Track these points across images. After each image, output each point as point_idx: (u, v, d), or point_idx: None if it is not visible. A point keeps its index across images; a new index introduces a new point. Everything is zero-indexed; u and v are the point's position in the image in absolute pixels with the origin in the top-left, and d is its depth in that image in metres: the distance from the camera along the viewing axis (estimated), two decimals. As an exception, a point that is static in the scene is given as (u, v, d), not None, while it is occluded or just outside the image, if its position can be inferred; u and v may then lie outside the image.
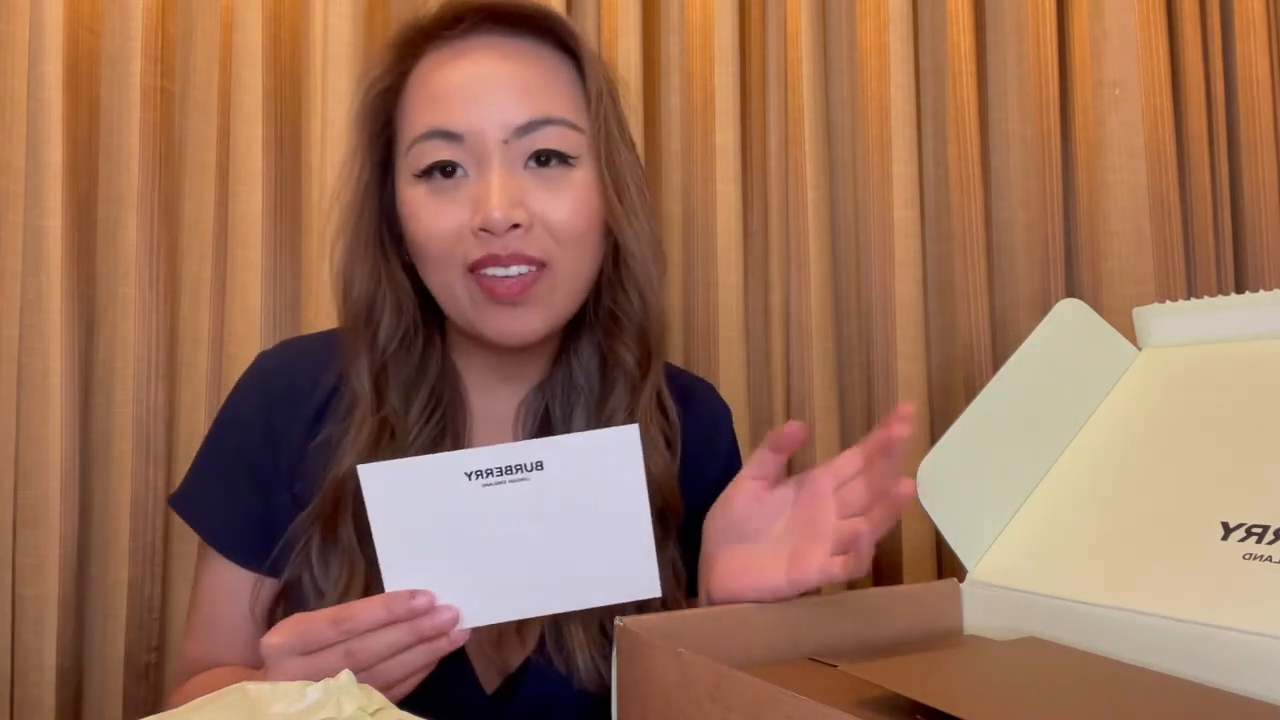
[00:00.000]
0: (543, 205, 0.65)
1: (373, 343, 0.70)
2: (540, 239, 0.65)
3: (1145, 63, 1.11)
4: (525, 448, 0.56)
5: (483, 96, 0.65)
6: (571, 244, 0.66)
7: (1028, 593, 0.60)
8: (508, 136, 0.65)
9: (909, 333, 1.11)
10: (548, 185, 0.66)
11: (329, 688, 0.44)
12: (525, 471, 0.56)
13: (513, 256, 0.64)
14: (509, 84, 0.66)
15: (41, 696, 0.93)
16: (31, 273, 0.96)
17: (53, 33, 0.96)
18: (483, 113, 0.65)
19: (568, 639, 0.68)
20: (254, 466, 0.71)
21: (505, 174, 0.64)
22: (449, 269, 0.66)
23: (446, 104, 0.65)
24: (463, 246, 0.65)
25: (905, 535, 1.10)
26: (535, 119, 0.65)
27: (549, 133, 0.65)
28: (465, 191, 0.65)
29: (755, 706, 0.42)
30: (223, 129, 1.04)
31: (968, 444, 0.66)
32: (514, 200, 0.64)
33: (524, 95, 0.65)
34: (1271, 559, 0.51)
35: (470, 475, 0.55)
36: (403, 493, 0.55)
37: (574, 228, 0.66)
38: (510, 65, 0.66)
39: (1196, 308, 0.71)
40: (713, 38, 1.11)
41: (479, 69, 0.66)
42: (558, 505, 0.56)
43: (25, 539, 0.95)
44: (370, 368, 0.70)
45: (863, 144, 1.14)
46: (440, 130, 0.65)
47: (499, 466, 0.55)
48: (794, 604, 0.59)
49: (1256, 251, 1.14)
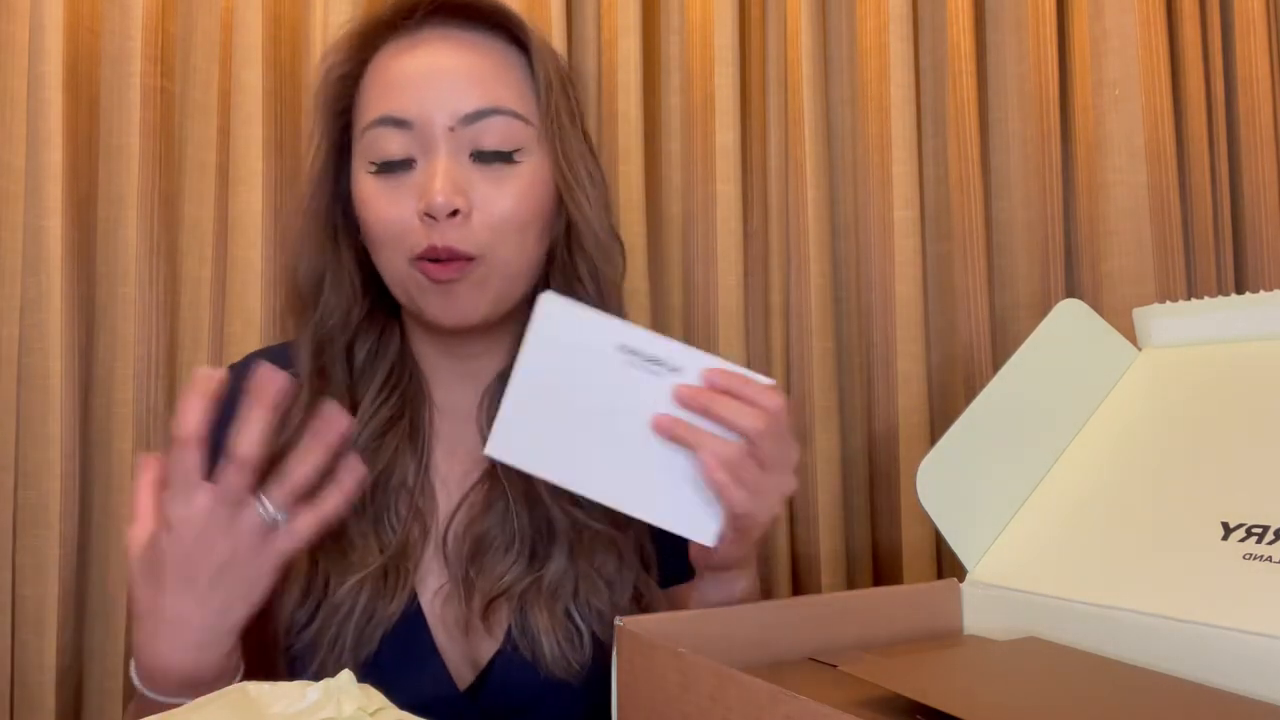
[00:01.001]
0: (485, 195, 0.67)
1: (316, 320, 0.72)
2: (477, 230, 0.67)
3: (1145, 63, 1.11)
4: (679, 349, 0.57)
5: (432, 85, 0.67)
6: (510, 233, 0.68)
7: (1028, 593, 0.60)
8: (454, 124, 0.67)
9: (909, 333, 1.11)
10: (491, 179, 0.68)
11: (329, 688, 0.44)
12: (665, 368, 0.57)
13: (447, 250, 0.66)
14: (458, 73, 0.68)
15: (41, 696, 0.93)
16: (31, 273, 0.96)
17: (53, 33, 0.96)
18: (432, 100, 0.67)
19: (532, 624, 0.68)
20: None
21: (450, 161, 0.66)
22: (396, 256, 0.68)
23: (398, 92, 0.68)
24: (410, 236, 0.67)
25: (905, 535, 1.10)
26: (482, 108, 0.67)
27: (494, 123, 0.67)
28: (414, 180, 0.67)
29: (755, 706, 0.42)
30: (223, 129, 1.04)
31: (968, 444, 0.66)
32: (456, 187, 0.66)
33: (471, 84, 0.68)
34: (1271, 559, 0.51)
35: (621, 348, 0.57)
36: (564, 333, 0.57)
37: (515, 219, 0.68)
38: (461, 55, 0.69)
39: (1196, 308, 0.71)
40: (713, 38, 1.11)
41: (430, 59, 0.68)
42: (668, 411, 0.57)
43: (25, 539, 0.95)
44: (311, 344, 0.72)
45: (863, 144, 1.14)
46: (390, 117, 0.67)
47: (648, 353, 0.57)
48: (794, 604, 0.59)
49: (1256, 251, 1.14)
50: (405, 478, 0.72)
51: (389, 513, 0.70)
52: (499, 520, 0.71)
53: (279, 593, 0.68)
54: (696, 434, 0.57)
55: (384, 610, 0.67)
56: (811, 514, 1.11)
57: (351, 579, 0.67)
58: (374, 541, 0.69)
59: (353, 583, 0.67)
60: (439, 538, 0.72)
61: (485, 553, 0.70)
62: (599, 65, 1.13)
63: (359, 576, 0.67)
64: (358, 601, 0.67)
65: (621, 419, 0.58)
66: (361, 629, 0.67)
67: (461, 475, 0.74)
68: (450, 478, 0.74)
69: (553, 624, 0.68)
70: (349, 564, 0.68)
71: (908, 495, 1.10)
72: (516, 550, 0.70)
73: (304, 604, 0.68)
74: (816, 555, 1.10)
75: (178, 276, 1.03)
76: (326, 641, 0.67)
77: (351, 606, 0.67)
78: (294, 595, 0.68)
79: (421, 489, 0.72)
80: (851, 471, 1.15)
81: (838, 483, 1.12)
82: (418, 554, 0.71)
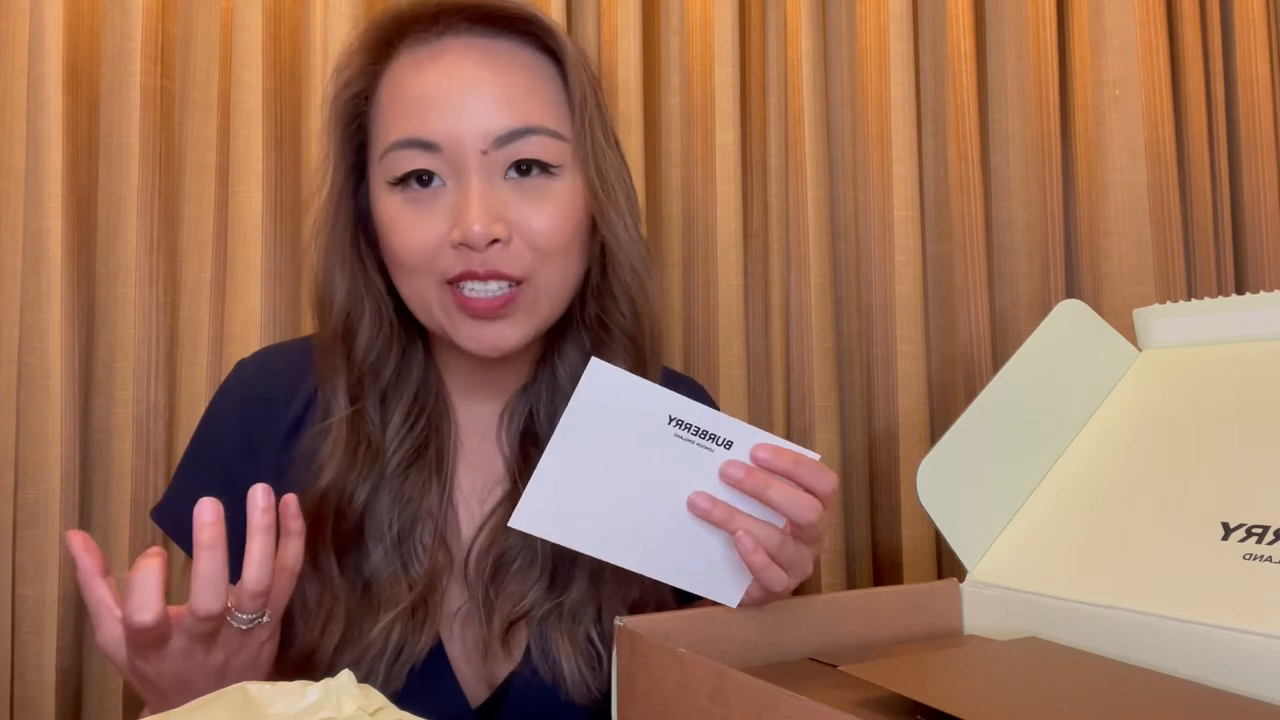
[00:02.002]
0: (524, 217, 0.63)
1: (350, 355, 0.68)
2: (520, 254, 0.63)
3: (1145, 63, 1.11)
4: (732, 424, 0.56)
5: (460, 104, 0.62)
6: (553, 255, 0.64)
7: (1028, 593, 0.60)
8: (487, 147, 0.62)
9: (909, 333, 1.11)
10: (529, 196, 0.64)
11: (329, 688, 0.44)
12: (715, 443, 0.56)
13: (491, 274, 0.62)
14: (488, 90, 0.62)
15: (41, 696, 0.93)
16: (31, 273, 0.96)
17: (53, 33, 0.96)
18: (461, 121, 0.62)
19: (553, 648, 0.67)
20: (232, 479, 0.69)
21: (485, 185, 0.62)
22: (425, 280, 0.64)
23: (422, 111, 0.62)
24: (441, 260, 0.63)
25: (905, 535, 1.10)
26: (516, 128, 0.62)
27: (530, 143, 0.63)
28: (443, 202, 0.63)
29: (755, 706, 0.42)
30: (223, 129, 1.04)
31: (968, 444, 0.66)
32: (494, 214, 0.61)
33: (504, 102, 0.62)
34: (1271, 559, 0.51)
35: (671, 420, 0.56)
36: (611, 401, 0.55)
37: (556, 240, 0.64)
38: (489, 70, 0.63)
39: (1197, 309, 0.71)
40: (713, 38, 1.11)
41: (456, 73, 0.63)
42: (718, 486, 0.56)
43: (25, 539, 0.95)
44: (347, 382, 0.68)
45: (863, 144, 1.14)
46: (416, 140, 0.62)
47: (699, 426, 0.56)
48: (794, 604, 0.59)
49: (1256, 251, 1.14)
50: (430, 507, 0.69)
51: (415, 544, 0.68)
52: (520, 541, 0.68)
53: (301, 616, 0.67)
54: (732, 518, 0.55)
55: (413, 647, 0.66)
56: (811, 514, 1.11)
57: (384, 618, 0.65)
58: (403, 577, 0.67)
59: (385, 623, 0.65)
60: (461, 559, 0.70)
61: (506, 573, 0.69)
62: (599, 65, 1.13)
63: (390, 616, 0.65)
64: (389, 641, 0.65)
65: (659, 491, 0.56)
66: (391, 666, 0.65)
67: (484, 493, 0.72)
68: (473, 497, 0.72)
69: (573, 649, 0.67)
70: (380, 602, 0.66)
71: (908, 495, 1.10)
72: (538, 572, 0.68)
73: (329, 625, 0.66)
74: (816, 555, 1.10)
75: (178, 276, 1.03)
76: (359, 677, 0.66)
77: (383, 647, 0.65)
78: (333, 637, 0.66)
79: (445, 514, 0.70)
80: (851, 471, 1.15)
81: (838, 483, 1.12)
82: (444, 583, 0.69)
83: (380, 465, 0.67)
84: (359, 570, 0.67)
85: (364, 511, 0.67)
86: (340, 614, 0.66)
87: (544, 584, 0.68)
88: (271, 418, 0.71)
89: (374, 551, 0.67)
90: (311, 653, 0.66)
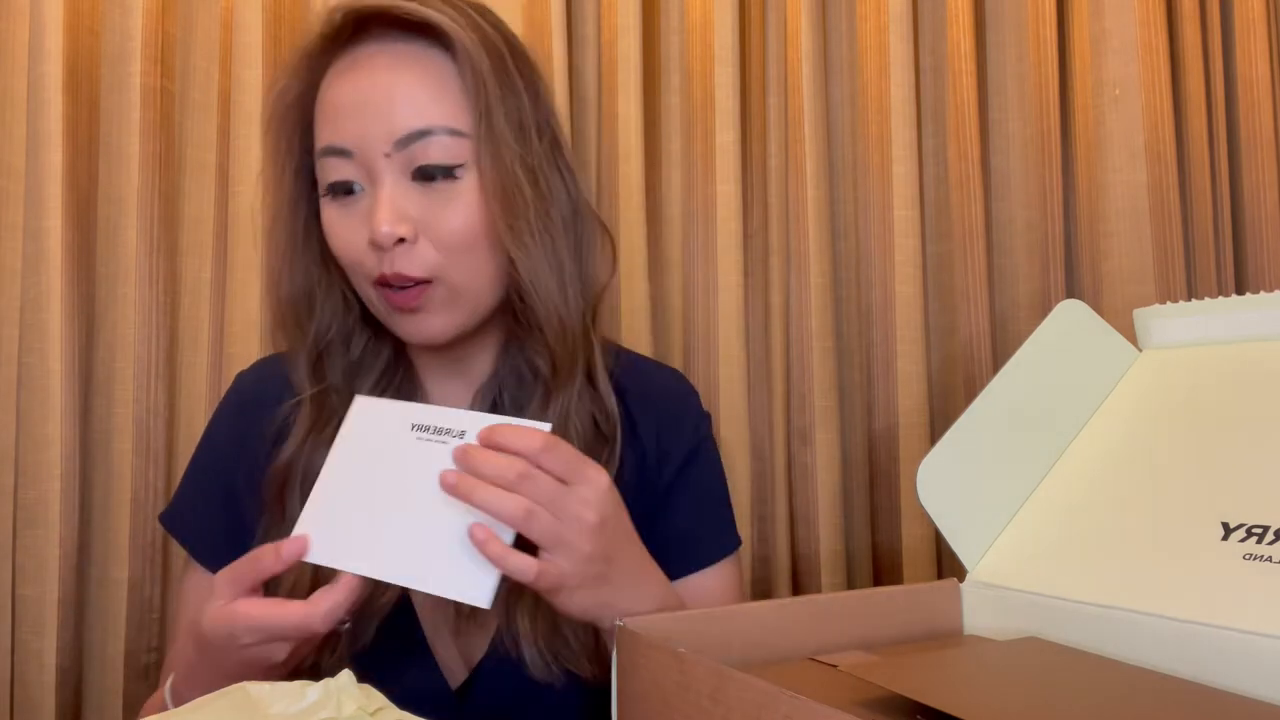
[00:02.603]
0: (430, 217, 0.65)
1: (310, 334, 0.72)
2: (424, 254, 0.65)
3: (1145, 63, 1.11)
4: (461, 415, 0.57)
5: (365, 110, 0.65)
6: (460, 254, 0.66)
7: (1028, 593, 0.60)
8: (390, 149, 0.64)
9: (909, 333, 1.11)
10: (434, 198, 0.65)
11: (329, 688, 0.44)
12: (451, 436, 0.57)
13: (397, 277, 0.65)
14: (389, 95, 0.65)
15: (41, 696, 0.93)
16: (31, 273, 0.96)
17: (53, 33, 0.96)
18: (366, 126, 0.64)
19: (515, 628, 0.68)
20: (230, 483, 0.74)
21: (393, 187, 0.65)
22: (361, 280, 0.68)
23: (337, 120, 0.66)
24: (366, 262, 0.66)
25: (905, 535, 1.10)
26: (413, 131, 0.64)
27: (428, 145, 0.65)
28: (363, 206, 0.66)
29: (755, 706, 0.42)
30: (223, 129, 1.04)
31: (968, 444, 0.66)
32: (399, 215, 0.64)
33: (403, 104, 0.64)
34: (1271, 559, 0.51)
35: (414, 427, 0.57)
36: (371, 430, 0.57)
37: (461, 240, 0.66)
38: (393, 75, 0.65)
39: (1197, 309, 0.71)
40: (713, 38, 1.11)
41: (363, 81, 0.66)
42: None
43: (25, 539, 0.95)
44: (308, 358, 0.71)
45: (863, 144, 1.14)
46: (333, 147, 0.66)
47: (437, 425, 0.57)
48: (794, 604, 0.59)
49: (1256, 251, 1.14)
50: None
51: None
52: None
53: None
54: (473, 490, 0.55)
55: (375, 602, 0.68)
56: (811, 514, 1.11)
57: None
58: None
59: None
60: None
61: None
62: (599, 65, 1.13)
63: None
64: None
65: (412, 496, 0.57)
66: (355, 623, 0.67)
67: None
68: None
69: (534, 631, 0.68)
70: None
71: (908, 495, 1.10)
72: None
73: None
74: (816, 555, 1.10)
75: (178, 276, 1.03)
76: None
77: None
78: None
79: None
80: (851, 471, 1.15)
81: (838, 483, 1.12)
82: None
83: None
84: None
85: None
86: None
87: None
88: (264, 418, 0.73)
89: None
90: None
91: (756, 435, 1.13)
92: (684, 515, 0.76)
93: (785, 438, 1.14)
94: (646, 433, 0.77)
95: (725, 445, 1.09)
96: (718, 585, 0.76)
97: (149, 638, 0.99)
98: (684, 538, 0.75)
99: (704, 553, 0.76)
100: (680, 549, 0.74)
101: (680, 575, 0.73)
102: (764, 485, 1.13)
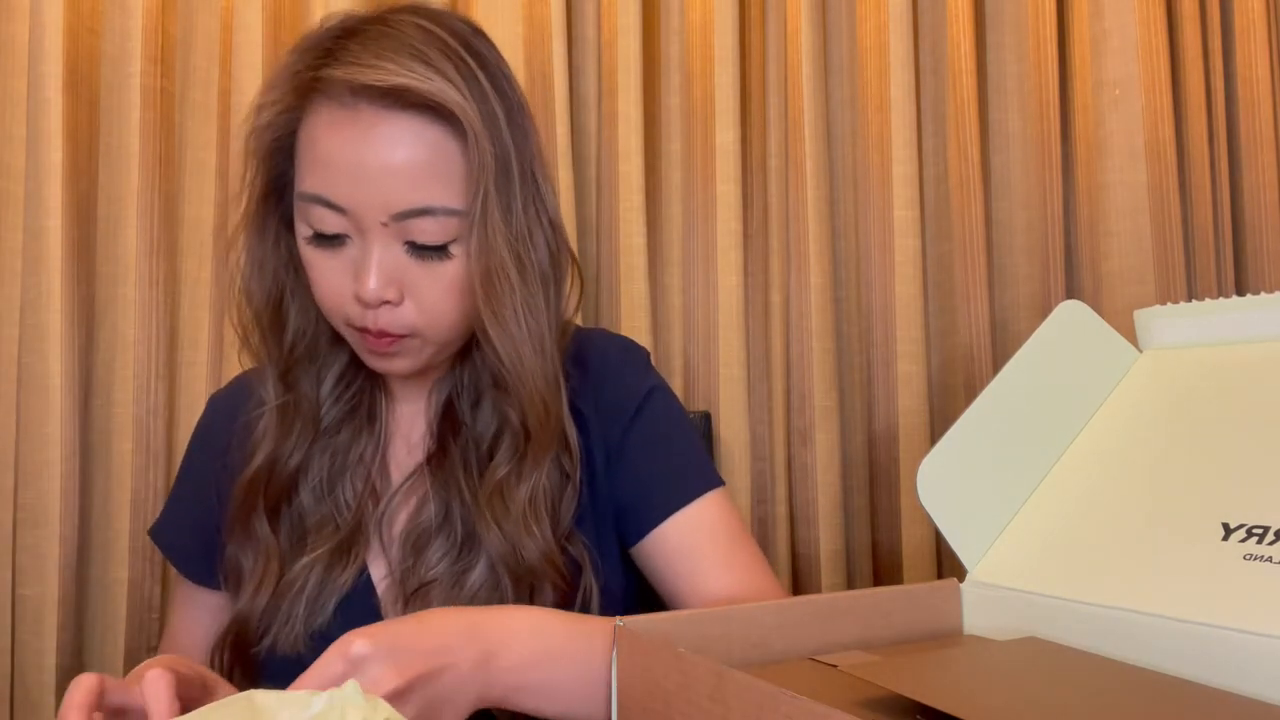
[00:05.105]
0: (417, 284, 0.67)
1: (281, 345, 0.73)
2: (407, 314, 0.67)
3: (1145, 63, 1.11)
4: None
5: (365, 179, 0.64)
6: (441, 319, 0.68)
7: (1028, 593, 0.60)
8: (387, 220, 0.65)
9: (909, 333, 1.11)
10: (424, 269, 0.67)
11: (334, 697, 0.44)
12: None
13: (379, 332, 0.67)
14: (392, 169, 0.64)
15: (41, 696, 0.94)
16: (31, 273, 0.96)
17: (53, 33, 0.96)
18: (364, 194, 0.64)
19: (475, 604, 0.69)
20: (208, 498, 0.77)
21: (383, 251, 0.66)
22: (338, 320, 0.69)
23: (331, 176, 0.65)
24: (347, 307, 0.67)
25: (905, 535, 1.10)
26: (413, 208, 0.65)
27: (425, 223, 0.65)
28: (349, 254, 0.67)
29: (755, 706, 0.42)
30: (223, 129, 1.04)
31: (968, 444, 0.66)
32: (388, 279, 0.66)
33: (404, 182, 0.64)
34: (1271, 559, 0.51)
35: None
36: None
37: (444, 311, 0.68)
38: (396, 149, 0.64)
39: (1197, 309, 0.71)
40: (713, 38, 1.11)
41: (363, 146, 0.64)
42: None
43: (25, 539, 0.95)
44: (278, 367, 0.73)
45: (863, 144, 1.14)
46: (324, 199, 0.66)
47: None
48: (794, 604, 0.59)
49: (1256, 251, 1.14)
50: (362, 454, 0.75)
51: (344, 490, 0.73)
52: (441, 509, 0.72)
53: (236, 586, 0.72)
54: None
55: (334, 582, 0.70)
56: (811, 514, 1.11)
57: (305, 558, 0.71)
58: (332, 519, 0.73)
59: (305, 561, 0.71)
60: (377, 518, 0.74)
61: (420, 538, 0.72)
62: (599, 65, 1.13)
63: (312, 556, 0.71)
64: (309, 578, 0.70)
65: None
66: (313, 601, 0.70)
67: (412, 462, 0.76)
68: (407, 464, 0.76)
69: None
70: (305, 545, 0.72)
71: (908, 495, 1.10)
72: (449, 541, 0.72)
73: (261, 585, 0.71)
74: (816, 555, 1.10)
75: (178, 276, 1.03)
76: (280, 616, 0.70)
77: (304, 583, 0.70)
78: (264, 598, 0.70)
79: (379, 469, 0.75)
80: (851, 471, 1.15)
81: (838, 483, 1.12)
82: (368, 531, 0.73)
83: (314, 428, 0.73)
84: (292, 524, 0.73)
85: (298, 469, 0.73)
86: (273, 575, 0.70)
87: (453, 555, 0.72)
88: (231, 425, 0.75)
89: (305, 497, 0.73)
90: (247, 619, 0.71)
91: (756, 435, 1.13)
92: (643, 465, 0.76)
93: (785, 437, 1.14)
94: (585, 403, 0.77)
95: (725, 445, 1.09)
96: (703, 521, 0.74)
97: (149, 637, 0.99)
98: (647, 484, 0.75)
99: (674, 496, 0.75)
100: (646, 497, 0.74)
101: (658, 523, 0.73)
102: (764, 485, 1.13)
